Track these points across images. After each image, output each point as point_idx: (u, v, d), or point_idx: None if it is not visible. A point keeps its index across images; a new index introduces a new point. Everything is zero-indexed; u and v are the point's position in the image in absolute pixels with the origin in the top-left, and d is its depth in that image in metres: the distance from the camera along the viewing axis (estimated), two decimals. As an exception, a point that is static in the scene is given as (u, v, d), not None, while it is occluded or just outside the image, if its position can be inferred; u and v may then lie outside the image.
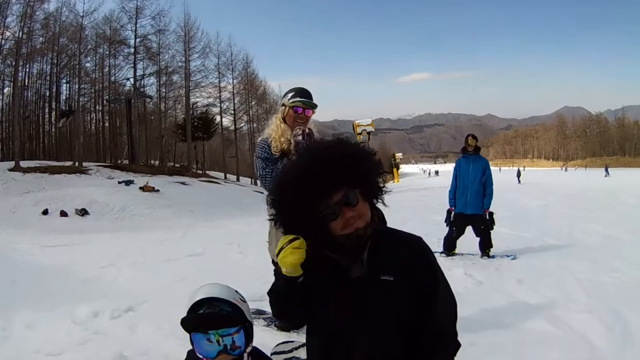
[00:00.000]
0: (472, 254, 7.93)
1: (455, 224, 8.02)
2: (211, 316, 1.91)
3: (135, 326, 4.55)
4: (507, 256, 7.79)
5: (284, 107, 3.93)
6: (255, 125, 53.94)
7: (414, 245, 1.85)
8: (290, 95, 3.88)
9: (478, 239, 7.98)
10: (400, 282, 1.73)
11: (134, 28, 41.82)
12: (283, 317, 2.15)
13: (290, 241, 1.75)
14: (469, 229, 8.06)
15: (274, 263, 3.97)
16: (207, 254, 9.12)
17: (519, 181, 45.86)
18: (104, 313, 4.91)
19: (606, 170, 61.78)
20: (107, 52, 41.72)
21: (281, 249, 1.76)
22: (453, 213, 8.05)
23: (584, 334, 4.16)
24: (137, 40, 42.19)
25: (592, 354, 3.80)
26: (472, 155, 8.11)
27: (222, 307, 1.93)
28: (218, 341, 1.85)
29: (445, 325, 1.80)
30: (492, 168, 8.21)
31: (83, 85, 41.06)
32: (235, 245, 9.92)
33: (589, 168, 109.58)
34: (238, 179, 50.04)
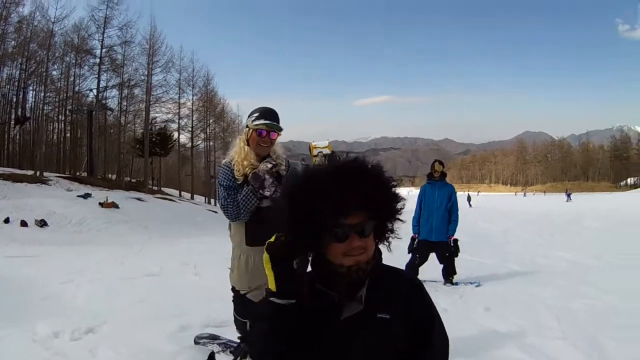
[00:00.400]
0: (435, 281, 7.93)
1: (419, 251, 8.00)
2: None
3: (95, 350, 4.51)
4: (471, 283, 7.82)
5: (247, 129, 3.83)
6: (212, 143, 54.89)
7: (411, 281, 1.83)
8: (254, 116, 3.77)
9: (441, 265, 8.03)
10: (396, 320, 1.69)
11: (101, 38, 42.12)
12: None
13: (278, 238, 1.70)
14: (432, 256, 8.07)
15: (234, 290, 3.97)
16: (164, 273, 9.18)
17: (470, 205, 48.06)
18: (64, 333, 4.90)
19: (568, 195, 63.43)
20: (74, 61, 41.80)
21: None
22: (416, 240, 8.04)
23: None
24: (103, 50, 42.49)
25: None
26: (438, 181, 8.17)
27: None
28: None
29: None
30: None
31: (48, 94, 41.14)
32: (191, 265, 10.01)
33: (548, 193, 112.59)
34: (192, 197, 50.47)
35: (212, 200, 50.64)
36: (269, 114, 3.77)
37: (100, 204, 22.59)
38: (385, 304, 1.70)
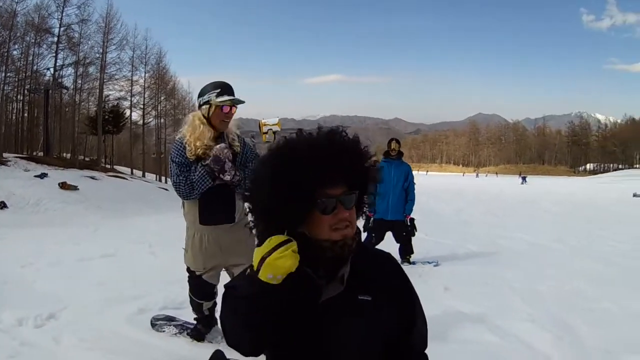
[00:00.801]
0: None
1: (375, 230, 8.02)
2: None
3: (59, 337, 4.50)
4: (429, 262, 7.84)
5: (208, 106, 3.74)
6: (162, 120, 55.35)
7: (390, 261, 1.81)
8: (216, 92, 3.71)
9: (398, 245, 8.05)
10: (378, 302, 1.66)
11: (60, 17, 41.58)
12: (243, 345, 1.75)
13: (284, 243, 1.55)
14: (389, 235, 8.11)
15: (189, 271, 3.97)
16: (120, 254, 9.11)
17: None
18: (27, 320, 4.90)
19: (523, 178, 64.68)
20: (33, 40, 41.27)
21: (272, 250, 1.54)
22: (372, 219, 8.01)
23: (532, 345, 4.19)
24: (62, 29, 42.03)
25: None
26: (395, 160, 8.23)
27: None
28: None
29: (423, 346, 1.82)
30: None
31: (9, 74, 40.37)
32: (146, 245, 10.06)
33: (501, 174, 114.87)
34: (144, 175, 50.88)
35: (163, 178, 51.27)
36: (230, 89, 3.76)
37: (59, 185, 22.45)
38: (367, 285, 1.67)
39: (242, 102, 3.76)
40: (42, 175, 23.92)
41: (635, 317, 5.12)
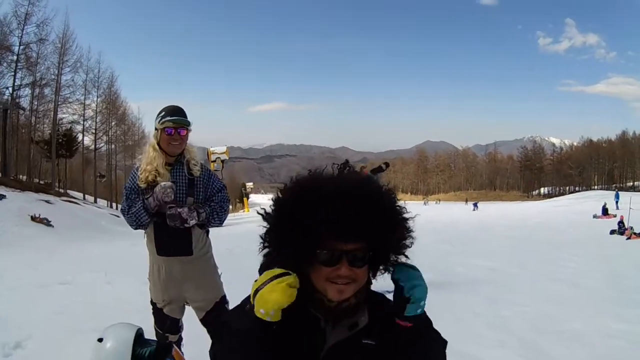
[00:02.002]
0: None
1: None
2: None
3: None
4: (389, 292, 7.72)
5: (156, 131, 3.82)
6: (113, 146, 57.50)
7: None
8: (160, 116, 3.78)
9: None
10: (384, 347, 1.59)
11: (20, 34, 42.41)
12: None
13: (280, 275, 1.50)
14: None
15: (153, 303, 3.93)
16: (77, 282, 9.36)
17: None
18: None
19: (474, 205, 65.75)
20: None
21: (265, 282, 1.50)
22: None
23: None
24: (21, 47, 42.72)
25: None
26: None
27: None
28: None
29: None
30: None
31: None
32: (102, 273, 10.10)
33: (447, 202, 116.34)
34: (95, 200, 52.25)
35: (114, 204, 52.93)
36: (174, 112, 3.80)
37: (31, 217, 22.50)
38: (372, 329, 1.60)
39: (185, 122, 3.75)
40: (1, 197, 24.41)
41: (609, 335, 5.22)
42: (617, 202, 36.88)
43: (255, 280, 1.52)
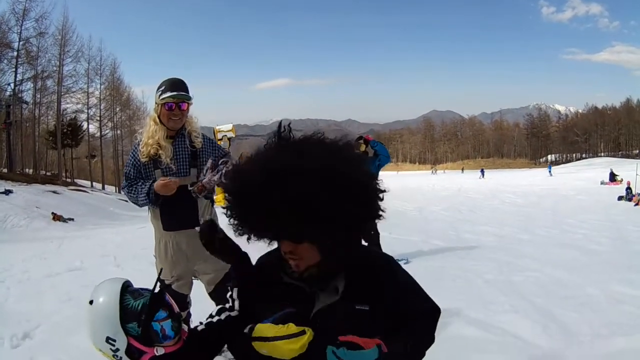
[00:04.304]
0: None
1: None
2: None
3: (36, 357, 4.61)
4: (399, 260, 7.70)
5: (156, 106, 3.73)
6: (119, 132, 57.38)
7: (386, 270, 1.76)
8: (160, 91, 3.68)
9: (366, 244, 7.80)
10: (376, 310, 1.62)
11: (19, 30, 42.76)
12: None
13: (298, 334, 1.51)
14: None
15: (160, 280, 3.43)
16: (86, 268, 9.33)
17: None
18: (3, 341, 5.02)
19: (481, 172, 65.59)
20: None
21: (284, 337, 1.51)
22: None
23: (520, 336, 4.17)
24: (21, 43, 43.13)
25: (539, 356, 3.80)
26: None
27: None
28: None
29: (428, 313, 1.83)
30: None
31: None
32: (111, 257, 10.30)
33: (454, 170, 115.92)
34: (103, 187, 52.20)
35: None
36: (175, 85, 3.70)
37: (52, 215, 22.40)
38: (364, 293, 1.63)
39: (186, 97, 3.69)
40: (7, 192, 24.50)
41: (619, 301, 5.19)
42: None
43: (272, 323, 1.56)
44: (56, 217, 22.11)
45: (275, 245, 1.68)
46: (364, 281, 1.64)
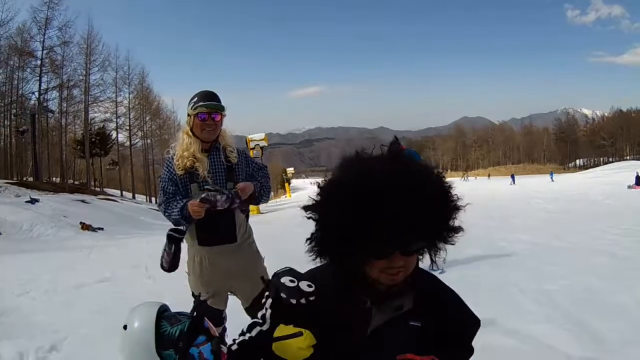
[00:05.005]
0: None
1: None
2: None
3: None
4: (434, 270, 7.73)
5: (189, 118, 3.63)
6: (149, 141, 57.20)
7: (453, 306, 1.67)
8: (193, 102, 3.59)
9: None
10: (428, 327, 1.53)
11: (42, 39, 42.99)
12: None
13: (293, 335, 1.49)
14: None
15: (194, 295, 3.64)
16: (116, 279, 9.23)
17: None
18: (28, 353, 4.91)
19: (512, 177, 64.89)
20: (17, 65, 42.22)
21: (280, 337, 1.51)
22: None
23: (554, 346, 4.20)
24: (44, 52, 43.24)
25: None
26: None
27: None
28: None
29: None
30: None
31: None
32: (142, 268, 10.04)
33: (492, 177, 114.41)
34: (134, 197, 52.19)
35: (153, 199, 52.18)
36: (207, 96, 3.62)
37: (80, 225, 22.30)
38: (419, 311, 1.55)
39: (219, 107, 3.59)
40: (33, 201, 24.36)
41: None
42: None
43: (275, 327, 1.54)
44: (85, 227, 21.98)
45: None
46: (422, 298, 1.58)
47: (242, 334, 1.69)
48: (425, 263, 1.85)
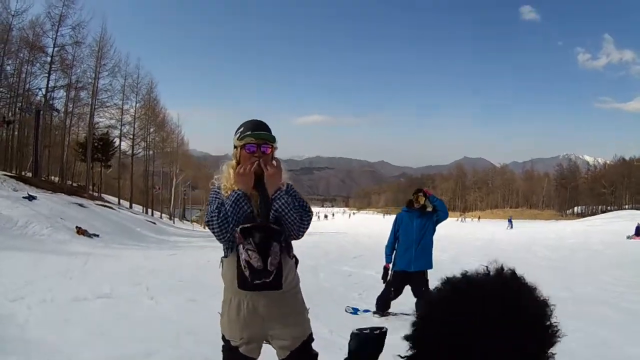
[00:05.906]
0: (407, 314, 7.63)
1: (394, 284, 7.78)
2: None
3: None
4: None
5: (235, 149, 3.25)
6: (151, 152, 57.39)
7: None
8: (239, 132, 3.22)
9: (415, 299, 7.49)
10: None
11: (54, 36, 42.72)
12: None
13: None
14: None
15: (224, 339, 3.27)
16: (117, 296, 8.88)
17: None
18: None
19: (509, 221, 64.59)
20: (27, 58, 41.96)
21: None
22: (391, 271, 7.85)
23: None
24: (55, 49, 42.94)
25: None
26: (417, 210, 7.94)
27: None
28: None
29: None
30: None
31: (1, 89, 41.39)
32: (143, 286, 9.73)
33: (485, 219, 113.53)
34: (131, 206, 51.82)
35: (150, 210, 53.05)
36: (256, 126, 3.24)
37: (76, 229, 21.88)
38: None
39: (269, 137, 3.20)
40: (31, 198, 24.20)
41: None
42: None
43: None
44: (80, 232, 21.58)
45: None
46: None
47: None
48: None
